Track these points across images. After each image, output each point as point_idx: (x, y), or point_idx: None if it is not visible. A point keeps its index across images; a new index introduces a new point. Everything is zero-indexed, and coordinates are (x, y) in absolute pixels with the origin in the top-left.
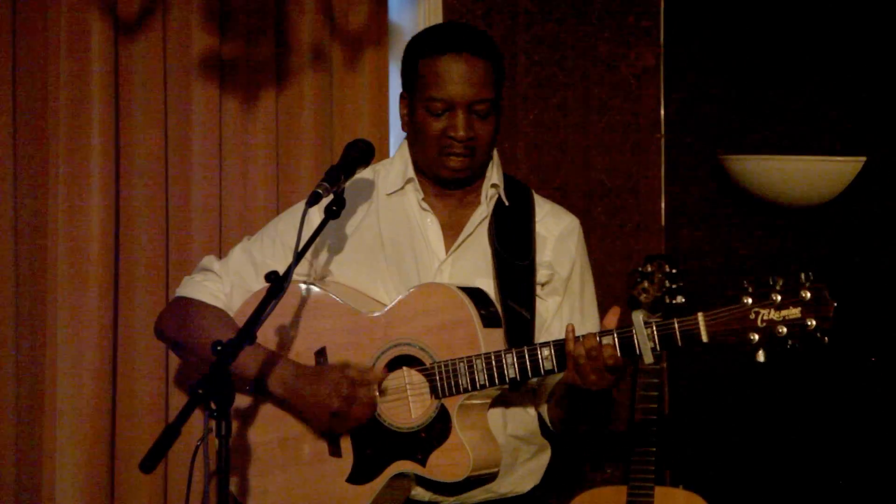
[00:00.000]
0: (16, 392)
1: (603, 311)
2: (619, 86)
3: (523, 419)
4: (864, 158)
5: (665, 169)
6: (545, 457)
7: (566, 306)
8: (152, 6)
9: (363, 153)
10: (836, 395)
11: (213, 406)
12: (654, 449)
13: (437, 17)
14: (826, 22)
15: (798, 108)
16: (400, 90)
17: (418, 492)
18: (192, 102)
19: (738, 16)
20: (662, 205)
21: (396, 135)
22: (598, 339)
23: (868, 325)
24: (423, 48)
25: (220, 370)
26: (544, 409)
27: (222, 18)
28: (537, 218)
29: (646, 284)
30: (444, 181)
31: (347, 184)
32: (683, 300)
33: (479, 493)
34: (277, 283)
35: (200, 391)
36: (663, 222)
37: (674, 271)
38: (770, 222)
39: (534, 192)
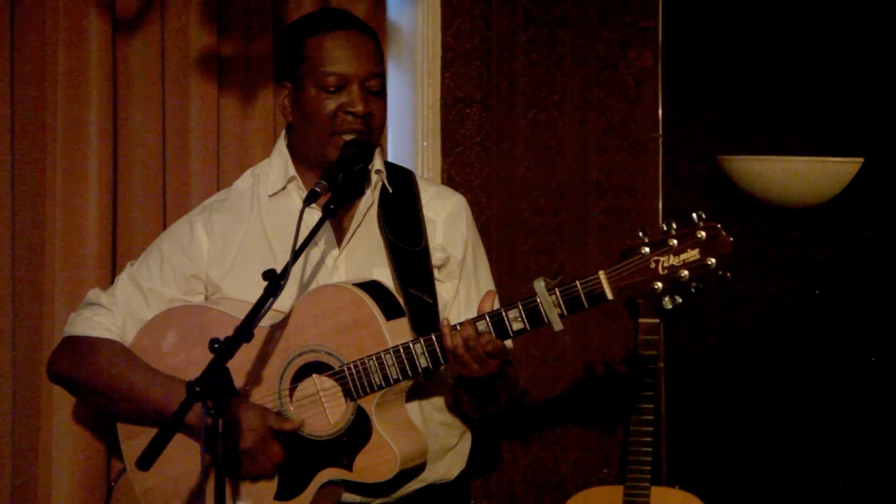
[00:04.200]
0: (12, 390)
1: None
2: (618, 86)
3: (441, 404)
4: (861, 159)
5: (663, 169)
6: (468, 440)
7: (462, 290)
8: (150, 4)
9: (360, 151)
10: (836, 394)
11: (210, 404)
12: (651, 449)
13: (435, 17)
14: (824, 23)
15: (796, 109)
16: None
17: (349, 497)
18: (190, 100)
19: (737, 17)
20: (660, 205)
21: (394, 133)
22: (474, 326)
23: (867, 326)
24: (308, 29)
25: (218, 368)
26: (451, 401)
27: (220, 16)
28: (423, 201)
29: None
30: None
31: (229, 193)
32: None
33: (413, 484)
34: (274, 281)
35: (198, 389)
36: (661, 223)
37: None
38: (767, 223)
39: (416, 175)
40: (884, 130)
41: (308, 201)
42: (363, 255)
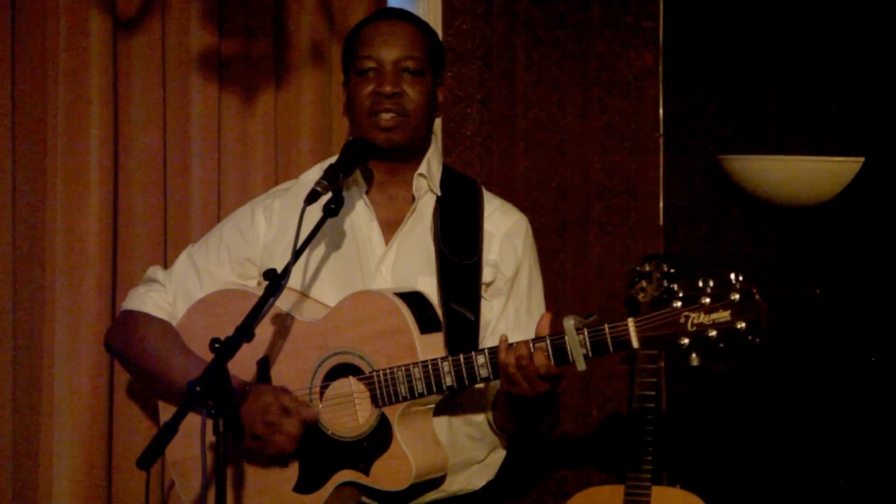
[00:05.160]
0: (12, 389)
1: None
2: (619, 86)
3: (473, 419)
4: (862, 159)
5: (664, 169)
6: (500, 454)
7: (511, 307)
8: (151, 3)
9: (362, 151)
10: (837, 394)
11: (210, 404)
12: (652, 448)
13: (436, 17)
14: (825, 22)
15: (797, 108)
16: None
17: (367, 501)
18: (190, 100)
19: (738, 16)
20: (661, 205)
21: None
22: (529, 347)
23: (868, 325)
24: (358, 25)
25: (218, 368)
26: (490, 415)
27: (221, 16)
28: (485, 213)
29: (644, 284)
30: (379, 149)
31: (295, 183)
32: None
33: (431, 494)
34: (275, 280)
35: (198, 389)
36: (662, 222)
37: (672, 271)
38: (768, 222)
39: (483, 187)
40: (885, 130)
41: (308, 201)
42: (410, 261)
